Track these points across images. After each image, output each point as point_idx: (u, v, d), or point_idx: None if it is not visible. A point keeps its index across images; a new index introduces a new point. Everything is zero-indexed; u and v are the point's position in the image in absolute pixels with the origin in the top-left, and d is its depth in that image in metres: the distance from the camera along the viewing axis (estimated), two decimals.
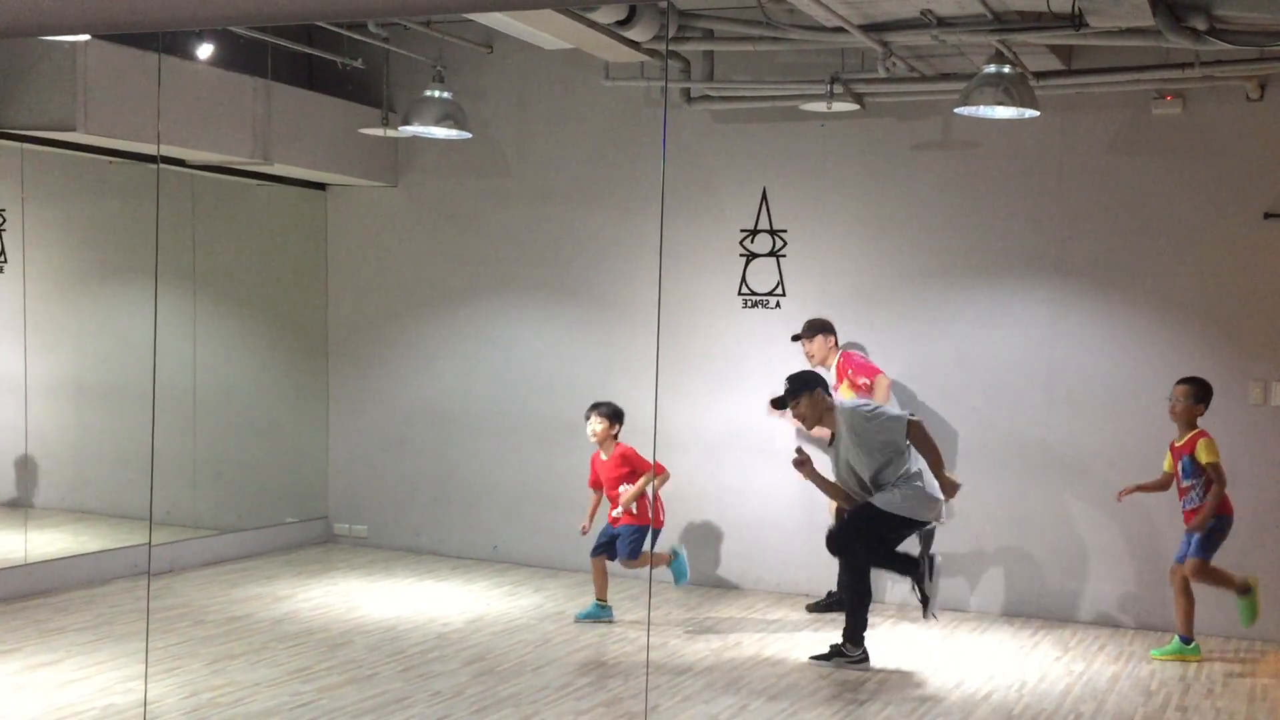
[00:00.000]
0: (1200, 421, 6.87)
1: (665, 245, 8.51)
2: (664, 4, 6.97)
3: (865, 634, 6.69)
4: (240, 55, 8.10)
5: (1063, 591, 7.71)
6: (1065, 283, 7.72)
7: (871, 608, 6.82)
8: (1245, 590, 6.82)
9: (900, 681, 6.40)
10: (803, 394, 6.72)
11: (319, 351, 9.58)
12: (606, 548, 7.43)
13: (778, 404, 6.82)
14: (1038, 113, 6.70)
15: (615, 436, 7.38)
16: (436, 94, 7.72)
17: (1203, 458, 6.74)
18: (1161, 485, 7.01)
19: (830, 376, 7.53)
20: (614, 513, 7.37)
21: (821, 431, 6.91)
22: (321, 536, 9.55)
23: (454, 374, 9.18)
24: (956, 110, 6.82)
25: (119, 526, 8.79)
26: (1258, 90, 7.25)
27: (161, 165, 8.07)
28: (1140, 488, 7.03)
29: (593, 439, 7.39)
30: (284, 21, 4.11)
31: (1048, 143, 7.71)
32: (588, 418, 7.41)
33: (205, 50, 7.85)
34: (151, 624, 7.07)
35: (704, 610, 7.77)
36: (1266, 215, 7.32)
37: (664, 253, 8.51)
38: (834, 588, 7.71)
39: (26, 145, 7.50)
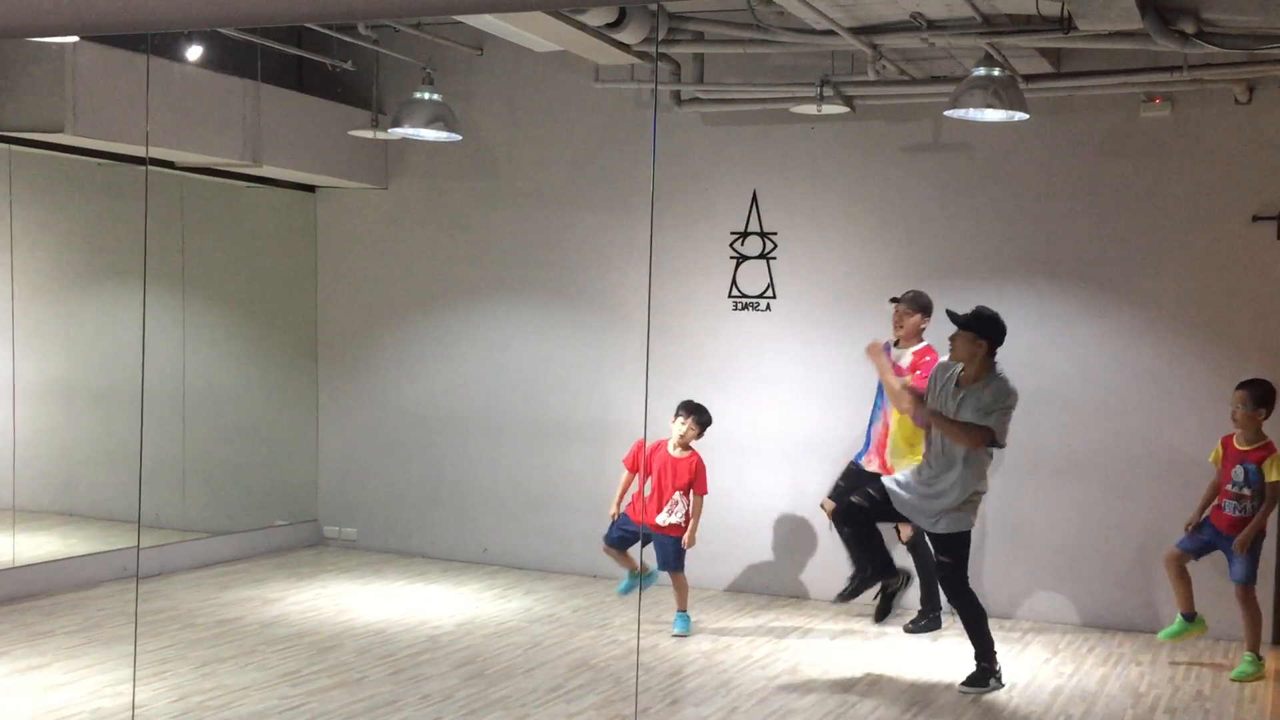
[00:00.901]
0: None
1: (655, 247, 8.51)
2: (654, 6, 6.98)
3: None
4: (229, 57, 8.09)
5: (1052, 594, 7.72)
6: (1054, 285, 7.74)
7: (866, 608, 6.80)
8: (1258, 658, 6.70)
9: (890, 683, 6.41)
10: (981, 332, 6.30)
11: (309, 354, 9.57)
12: (627, 542, 7.21)
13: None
14: (1027, 115, 6.72)
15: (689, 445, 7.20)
16: (426, 96, 7.71)
17: (1272, 475, 6.55)
18: (1215, 487, 6.79)
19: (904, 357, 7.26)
20: (662, 520, 7.12)
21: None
22: (311, 539, 9.53)
23: (444, 376, 9.18)
24: (946, 113, 6.83)
25: (108, 529, 8.77)
26: (1246, 93, 7.27)
27: (150, 167, 8.05)
28: (1202, 508, 6.79)
29: (679, 439, 7.12)
30: (273, 23, 4.11)
31: (1037, 145, 7.73)
32: (677, 415, 7.16)
33: (194, 52, 7.84)
34: (140, 627, 7.06)
35: (695, 612, 7.76)
36: (1254, 218, 7.34)
37: (654, 255, 8.51)
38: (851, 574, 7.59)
39: (15, 147, 7.48)
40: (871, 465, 7.26)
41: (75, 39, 6.76)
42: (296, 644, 6.83)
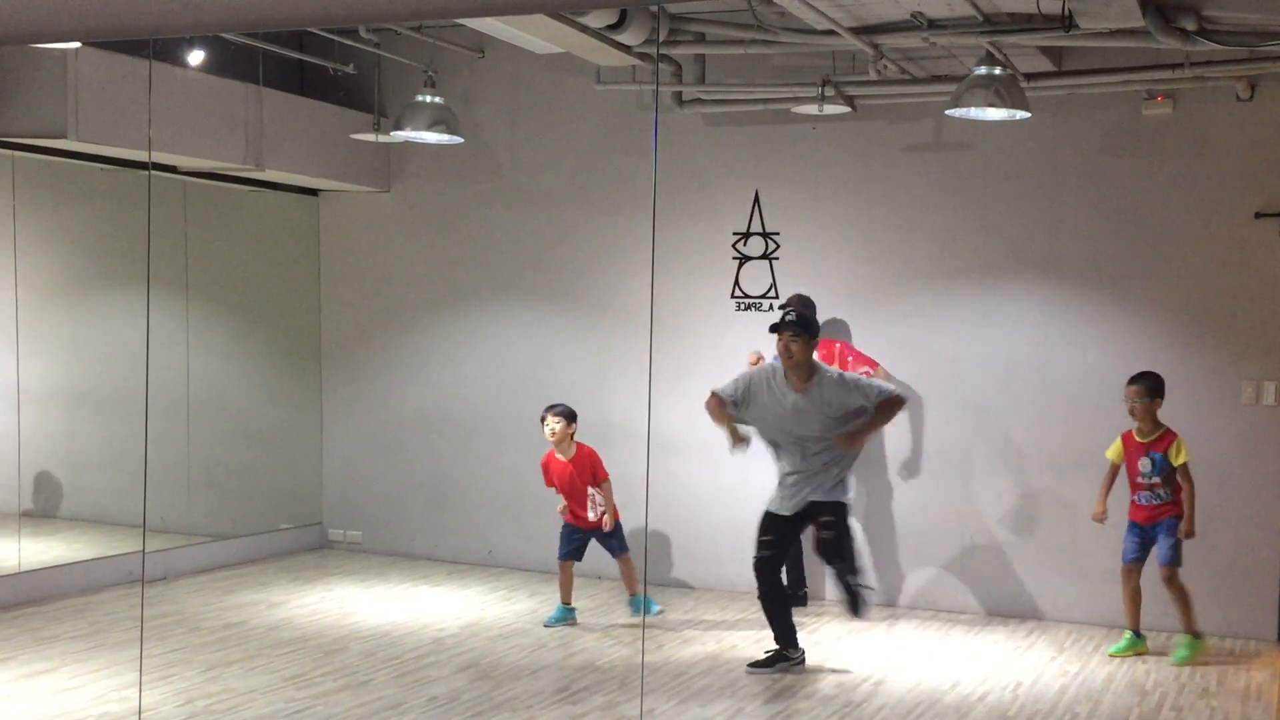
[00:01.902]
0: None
1: (658, 248, 8.51)
2: (654, 8, 6.98)
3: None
4: (231, 61, 8.10)
5: (1057, 591, 7.71)
6: (1057, 283, 7.74)
7: (867, 609, 6.80)
8: (1198, 635, 6.88)
9: (896, 683, 6.41)
10: (804, 333, 6.45)
11: (312, 357, 9.58)
12: (579, 552, 7.48)
13: (784, 329, 6.49)
14: (1029, 114, 6.71)
15: (572, 436, 7.39)
16: (428, 99, 7.71)
17: (1178, 459, 6.81)
18: (1111, 481, 7.06)
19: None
20: (592, 515, 7.37)
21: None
22: (316, 542, 9.54)
23: (448, 379, 9.18)
24: (948, 112, 6.83)
25: (112, 534, 8.77)
26: (1248, 90, 7.26)
27: (153, 172, 8.06)
28: (1104, 497, 7.02)
29: (551, 438, 7.37)
30: (275, 28, 4.11)
31: (1039, 144, 7.72)
32: (544, 420, 7.40)
33: (196, 57, 7.85)
34: (146, 631, 7.07)
35: (700, 613, 7.77)
36: (1257, 215, 7.33)
37: (656, 256, 8.51)
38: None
39: (18, 153, 7.49)
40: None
41: (77, 45, 6.77)
42: (302, 647, 6.83)
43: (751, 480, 8.35)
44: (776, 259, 8.31)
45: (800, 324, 6.45)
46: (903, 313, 8.04)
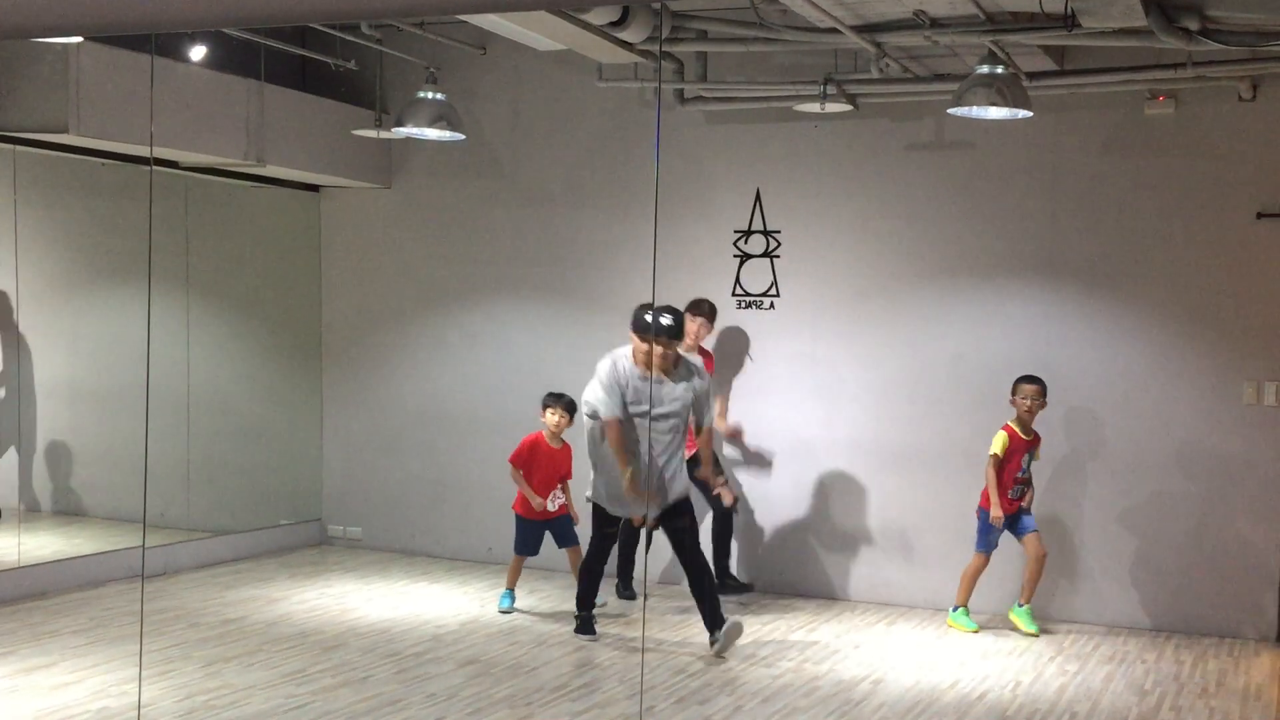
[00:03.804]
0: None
1: (659, 246, 8.51)
2: (657, 5, 6.97)
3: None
4: (233, 57, 8.09)
5: (1056, 591, 7.71)
6: (1059, 283, 7.73)
7: (869, 608, 6.82)
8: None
9: (894, 682, 6.41)
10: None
11: (313, 353, 9.57)
12: (537, 546, 7.65)
13: (674, 333, 6.72)
14: (1031, 113, 6.71)
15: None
16: (430, 95, 7.71)
17: (1037, 457, 7.41)
18: (998, 476, 7.31)
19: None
20: (551, 506, 7.56)
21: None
22: (316, 538, 9.54)
23: (448, 375, 9.18)
24: (950, 111, 6.82)
25: (112, 529, 8.78)
26: (1250, 90, 7.26)
27: (154, 167, 8.06)
28: (995, 488, 7.29)
29: (554, 429, 7.51)
30: (277, 23, 4.12)
31: (1041, 143, 7.72)
32: (548, 408, 7.52)
33: (198, 52, 7.84)
34: (146, 627, 7.07)
35: (699, 611, 7.76)
36: (1259, 215, 7.33)
37: (658, 254, 8.50)
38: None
39: (19, 147, 7.48)
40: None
41: (79, 39, 6.76)
42: (301, 643, 6.84)
43: (751, 480, 8.36)
44: (778, 257, 8.31)
45: (679, 330, 6.86)
46: (904, 311, 8.04)
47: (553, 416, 7.49)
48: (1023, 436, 7.31)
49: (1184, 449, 7.48)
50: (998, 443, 7.31)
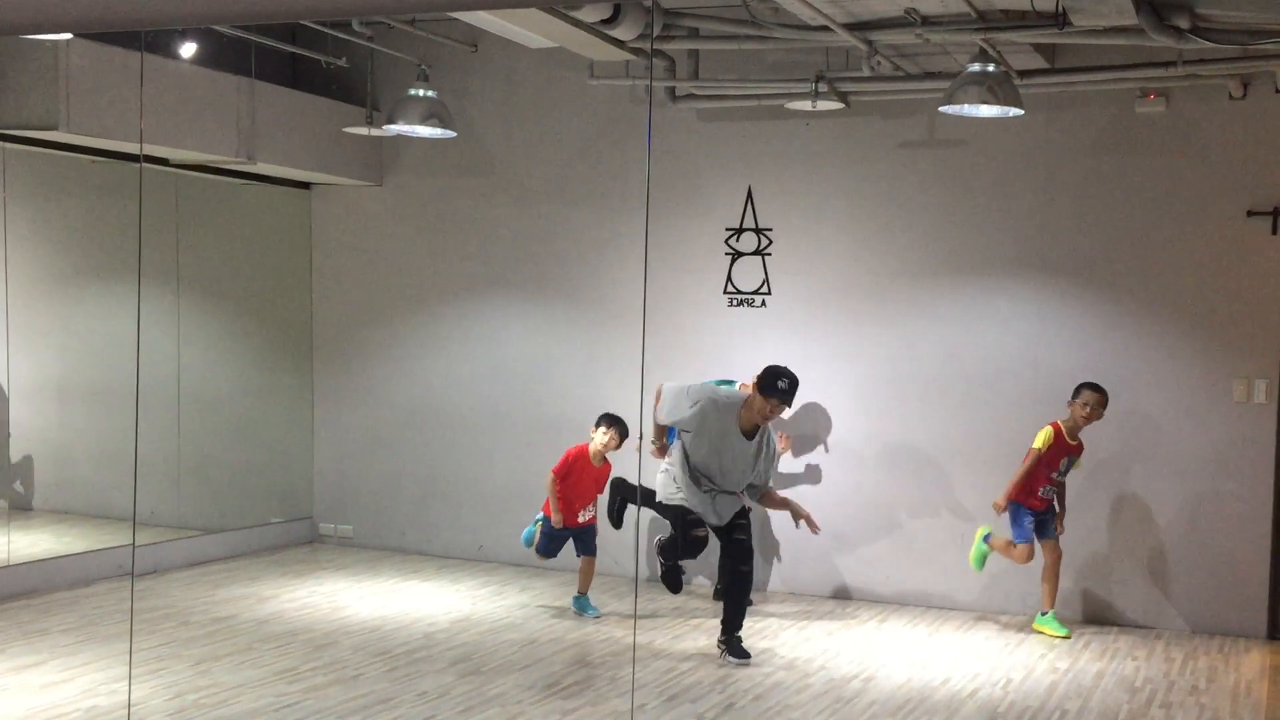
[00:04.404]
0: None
1: (651, 244, 8.51)
2: (648, 3, 6.97)
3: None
4: (224, 54, 8.07)
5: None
6: (1050, 280, 7.74)
7: (861, 605, 6.82)
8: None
9: (886, 680, 6.41)
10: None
11: (304, 351, 9.56)
12: (558, 548, 7.65)
13: (786, 399, 6.66)
14: (1022, 111, 6.72)
15: None
16: (421, 93, 7.70)
17: (1076, 466, 7.33)
18: (1032, 469, 7.24)
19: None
20: (583, 518, 7.52)
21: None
22: (307, 536, 9.53)
23: (439, 373, 9.17)
24: (941, 109, 6.82)
25: (103, 527, 8.76)
26: (1240, 88, 7.27)
27: (145, 164, 8.04)
28: (1032, 489, 7.26)
29: (601, 448, 7.43)
30: (268, 20, 4.10)
31: (1032, 141, 7.73)
32: (600, 425, 7.45)
33: (188, 49, 7.82)
34: (136, 625, 7.05)
35: (690, 608, 7.77)
36: (1249, 213, 7.34)
37: (649, 251, 8.50)
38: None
39: (8, 145, 7.46)
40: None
41: (68, 36, 6.74)
42: (292, 641, 6.82)
43: None
44: (769, 255, 8.31)
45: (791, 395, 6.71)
46: (895, 309, 8.04)
47: (604, 436, 7.43)
48: (1068, 440, 7.21)
49: (1174, 446, 7.50)
50: (1041, 437, 7.21)
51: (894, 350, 8.04)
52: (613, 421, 7.48)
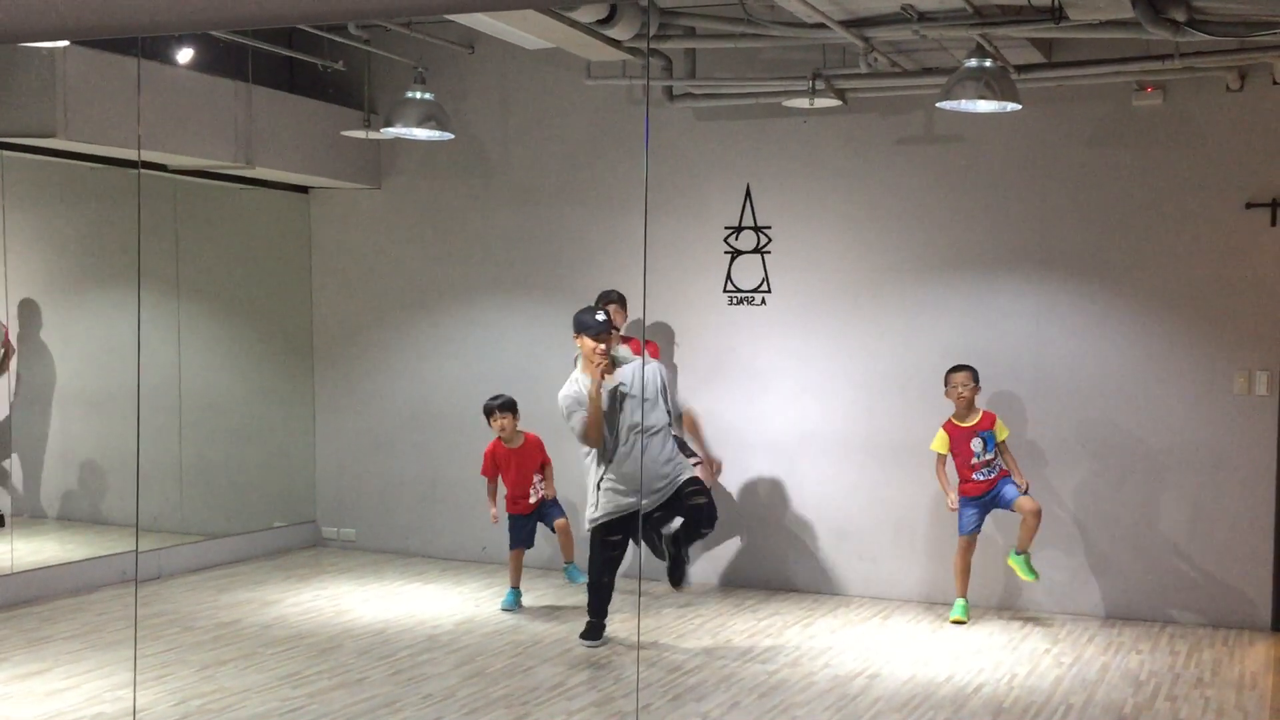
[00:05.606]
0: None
1: (649, 244, 8.51)
2: (645, 2, 6.97)
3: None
4: (220, 59, 8.07)
5: (1050, 583, 7.72)
6: (1049, 275, 7.74)
7: (864, 602, 6.82)
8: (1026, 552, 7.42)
9: (891, 676, 6.41)
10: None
11: (304, 355, 9.56)
12: (531, 538, 7.79)
13: (603, 326, 6.74)
14: (1019, 106, 6.72)
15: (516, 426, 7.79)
16: (418, 95, 7.70)
17: (1002, 435, 7.41)
18: (947, 469, 7.49)
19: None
20: (533, 498, 7.71)
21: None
22: (309, 540, 9.53)
23: (440, 375, 9.17)
24: (939, 104, 6.82)
25: (105, 533, 8.76)
26: (1238, 81, 7.27)
27: (143, 170, 8.04)
28: (946, 483, 7.47)
29: (503, 434, 7.68)
30: (264, 25, 4.11)
31: (1030, 135, 7.73)
32: (492, 416, 7.67)
33: (185, 54, 7.82)
34: (140, 631, 7.05)
35: (694, 608, 7.77)
36: (1248, 205, 7.34)
37: (648, 251, 8.50)
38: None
39: (7, 152, 7.46)
40: None
41: (65, 43, 6.74)
42: (296, 645, 6.83)
43: (743, 474, 8.36)
44: (768, 253, 8.31)
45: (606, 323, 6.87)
46: (894, 305, 8.04)
47: (497, 423, 7.68)
48: (964, 425, 7.39)
49: (1176, 439, 7.49)
50: (936, 442, 7.46)
51: (894, 346, 8.04)
52: (497, 408, 7.68)
